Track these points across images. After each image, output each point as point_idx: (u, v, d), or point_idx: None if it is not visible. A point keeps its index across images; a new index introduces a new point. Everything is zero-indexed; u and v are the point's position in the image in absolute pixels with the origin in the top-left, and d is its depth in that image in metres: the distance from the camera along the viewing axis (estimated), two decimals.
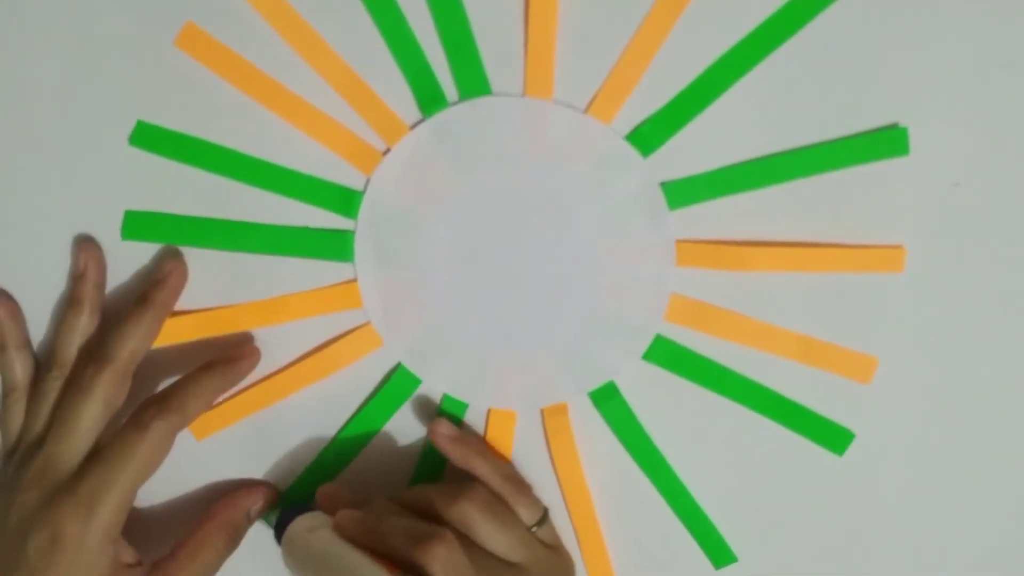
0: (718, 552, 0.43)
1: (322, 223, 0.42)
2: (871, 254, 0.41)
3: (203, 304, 0.42)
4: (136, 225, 0.42)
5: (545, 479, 0.43)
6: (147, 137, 0.41)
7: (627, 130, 0.41)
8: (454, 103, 0.41)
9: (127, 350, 0.39)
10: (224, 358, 0.41)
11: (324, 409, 0.43)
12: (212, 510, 0.41)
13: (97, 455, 0.38)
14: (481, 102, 0.41)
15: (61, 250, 0.42)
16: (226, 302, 0.42)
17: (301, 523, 0.39)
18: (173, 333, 0.42)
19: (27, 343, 0.42)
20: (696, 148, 0.41)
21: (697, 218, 0.41)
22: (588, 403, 0.43)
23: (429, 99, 0.41)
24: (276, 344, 0.42)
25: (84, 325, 0.41)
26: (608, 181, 0.41)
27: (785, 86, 0.41)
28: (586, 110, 0.41)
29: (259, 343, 0.42)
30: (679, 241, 0.42)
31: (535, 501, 0.41)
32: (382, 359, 0.43)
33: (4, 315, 0.41)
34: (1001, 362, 0.42)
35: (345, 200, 0.42)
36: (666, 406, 0.43)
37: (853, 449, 0.42)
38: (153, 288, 0.40)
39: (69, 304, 0.41)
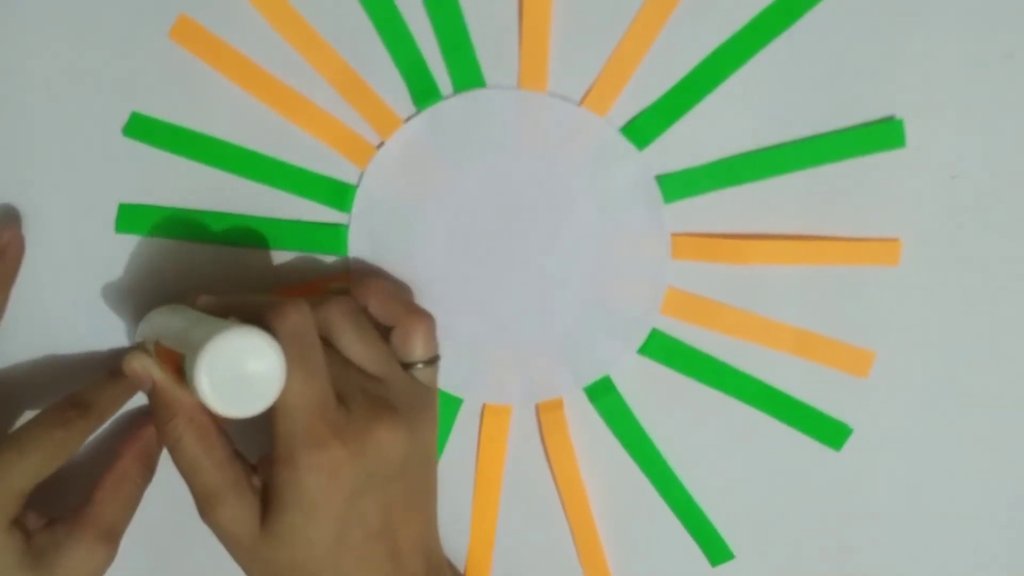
0: (715, 549, 0.43)
1: (316, 217, 0.42)
2: (867, 247, 0.41)
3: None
4: (130, 218, 0.42)
5: (541, 474, 0.43)
6: (141, 128, 0.41)
7: (622, 123, 0.41)
8: (448, 96, 0.41)
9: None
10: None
11: None
12: (121, 447, 0.40)
13: (6, 438, 0.37)
14: (475, 95, 0.41)
15: (54, 242, 0.42)
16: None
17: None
18: None
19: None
20: (692, 141, 0.41)
21: (693, 211, 0.41)
22: (584, 398, 0.42)
23: (423, 92, 0.41)
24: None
25: None
26: (603, 174, 0.41)
27: (781, 78, 0.41)
28: (581, 103, 0.41)
29: None
30: (675, 234, 0.41)
31: (434, 342, 0.39)
32: None
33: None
34: (998, 355, 0.42)
35: (339, 193, 0.42)
36: (662, 401, 0.42)
37: (851, 444, 0.42)
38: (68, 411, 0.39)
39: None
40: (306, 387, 0.34)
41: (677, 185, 0.41)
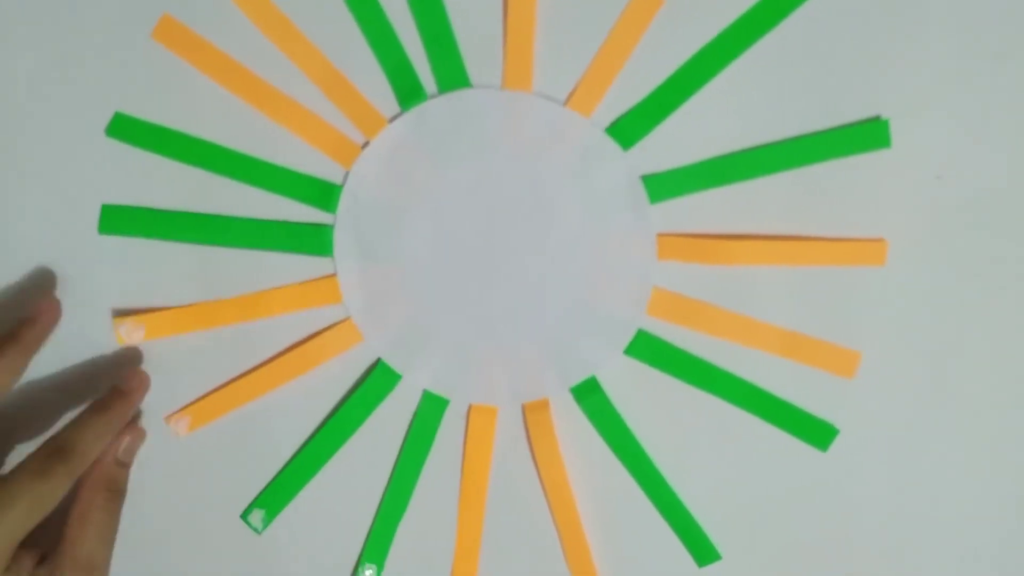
0: (701, 550, 0.43)
1: (301, 217, 0.42)
2: (853, 247, 0.41)
3: (180, 300, 0.42)
4: (113, 219, 0.41)
5: (527, 475, 0.43)
6: (124, 129, 0.41)
7: (607, 123, 0.41)
8: (433, 96, 0.41)
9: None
10: (116, 393, 0.41)
11: (303, 405, 0.43)
12: (82, 477, 0.40)
13: None
14: (460, 95, 0.41)
15: (36, 242, 0.42)
16: (203, 298, 0.42)
17: None
18: (152, 330, 0.42)
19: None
20: (677, 141, 0.41)
21: (679, 211, 0.41)
22: (570, 399, 0.42)
23: (408, 92, 0.41)
24: (255, 340, 0.42)
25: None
26: (588, 174, 0.41)
27: (767, 78, 0.41)
28: (566, 103, 0.41)
29: (238, 339, 0.42)
30: (660, 234, 0.41)
31: None
32: (362, 355, 0.42)
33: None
34: (984, 355, 0.42)
35: (324, 193, 0.41)
36: (648, 401, 0.42)
37: (837, 444, 0.42)
38: (23, 326, 0.40)
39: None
40: None
41: (663, 185, 0.41)
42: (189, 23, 0.41)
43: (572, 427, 0.42)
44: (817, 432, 0.42)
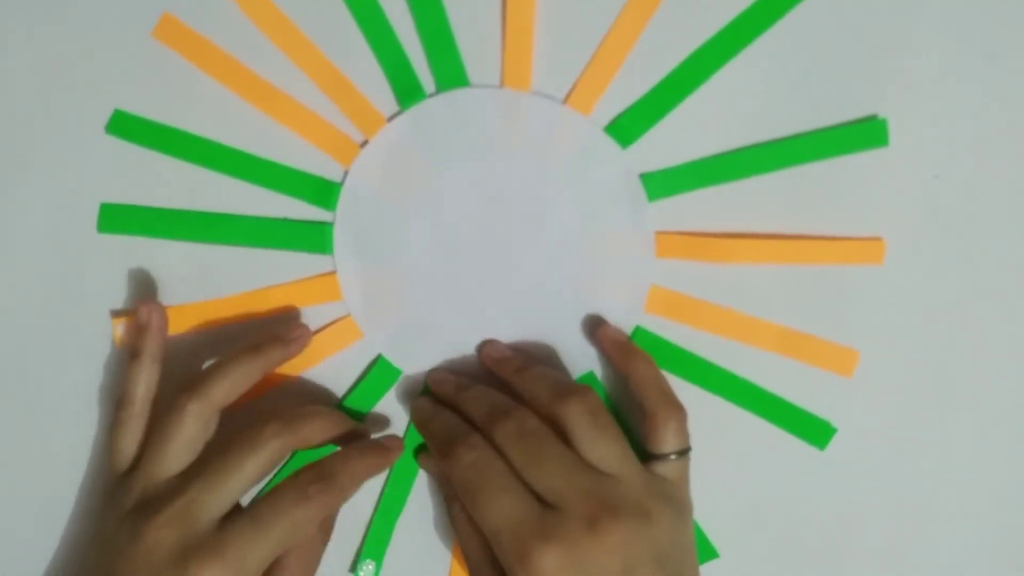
0: (699, 547, 0.43)
1: (300, 215, 0.42)
2: (851, 246, 0.41)
3: (180, 298, 0.42)
4: (112, 218, 0.42)
5: None
6: (124, 126, 0.41)
7: (606, 121, 0.41)
8: (432, 95, 0.41)
9: (307, 428, 0.38)
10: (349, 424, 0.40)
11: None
12: None
13: (244, 513, 0.36)
14: (459, 94, 0.41)
15: (35, 240, 0.42)
16: (203, 296, 0.42)
17: None
18: None
19: (161, 358, 0.39)
20: (675, 139, 0.41)
21: (677, 210, 0.41)
22: None
23: (407, 91, 0.41)
24: (256, 338, 0.42)
25: (145, 376, 0.39)
26: (587, 172, 0.41)
27: (765, 76, 0.41)
28: (564, 101, 0.41)
29: (238, 337, 0.42)
30: (659, 233, 0.41)
31: (684, 431, 0.39)
32: (362, 351, 0.42)
33: (155, 325, 0.39)
34: (981, 354, 0.42)
35: (323, 192, 0.42)
36: None
37: (835, 442, 0.42)
38: (267, 342, 0.40)
39: (129, 358, 0.39)
40: (497, 510, 0.35)
41: (661, 183, 0.41)
42: (189, 22, 0.41)
43: None
44: (815, 430, 0.42)
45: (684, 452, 0.39)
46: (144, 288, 0.42)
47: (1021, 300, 0.42)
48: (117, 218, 0.42)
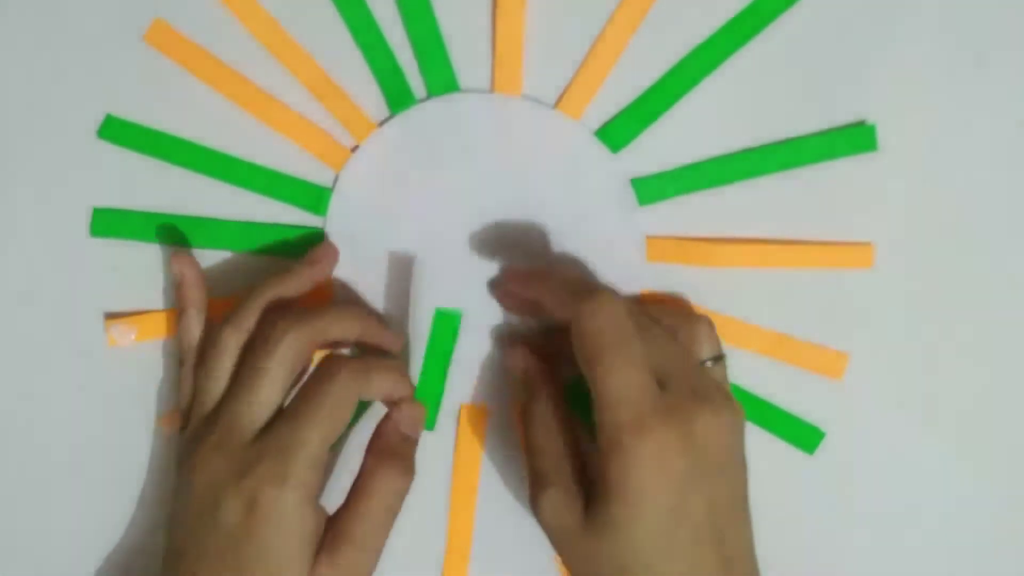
0: None
1: (291, 220, 0.42)
2: (840, 251, 0.41)
3: (172, 303, 0.42)
4: (104, 222, 0.42)
5: (517, 475, 0.43)
6: (116, 131, 0.41)
7: (596, 126, 0.41)
8: (422, 100, 0.41)
9: (322, 321, 0.37)
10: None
11: None
12: (369, 446, 0.38)
13: (282, 413, 0.36)
14: (449, 98, 0.41)
15: (28, 244, 0.42)
16: None
17: None
18: (144, 332, 0.42)
19: (205, 306, 0.40)
20: (666, 144, 0.41)
21: (667, 214, 0.41)
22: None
23: (397, 95, 0.41)
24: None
25: (195, 326, 0.40)
26: (577, 177, 0.41)
27: (754, 82, 0.41)
28: (555, 106, 0.41)
29: None
30: (649, 237, 0.42)
31: (718, 341, 0.39)
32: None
33: (190, 277, 0.40)
34: (970, 356, 0.42)
35: (314, 197, 0.42)
36: None
37: (825, 445, 0.42)
38: (295, 266, 0.39)
39: (178, 314, 0.40)
40: (627, 377, 0.34)
41: (651, 188, 0.41)
42: (181, 27, 0.41)
43: None
44: (804, 435, 0.42)
45: (720, 358, 0.38)
46: (137, 291, 0.42)
47: (1010, 303, 0.42)
48: (109, 222, 0.42)
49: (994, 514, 0.42)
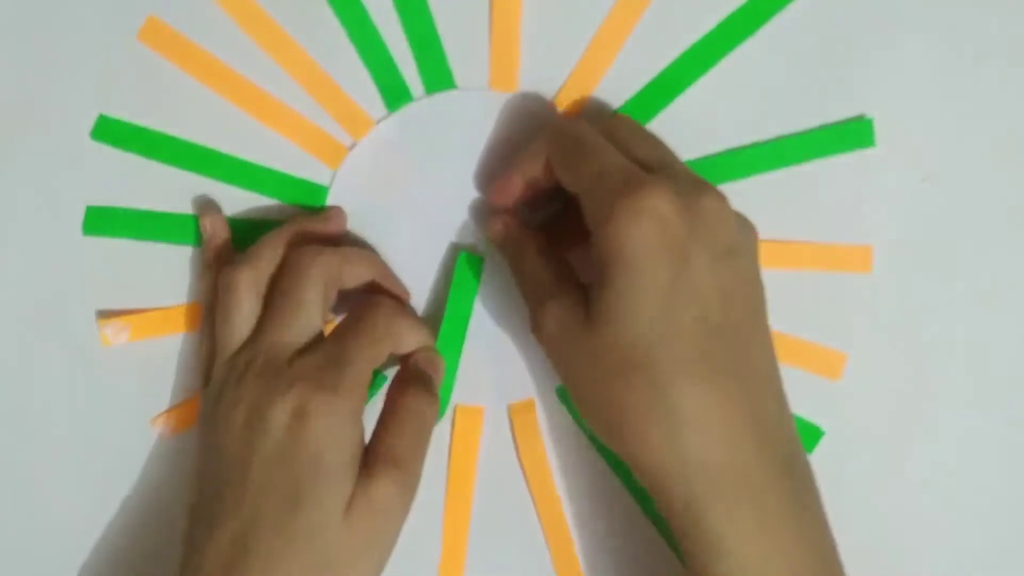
0: None
1: (288, 217, 0.42)
2: (839, 253, 0.41)
3: (168, 301, 0.42)
4: (97, 221, 0.41)
5: (512, 475, 0.43)
6: (109, 131, 0.41)
7: (593, 123, 0.41)
8: (419, 97, 0.41)
9: (342, 254, 0.38)
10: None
11: None
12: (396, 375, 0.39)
13: (324, 336, 0.36)
14: (446, 96, 0.41)
15: (21, 243, 0.42)
16: (192, 298, 0.42)
17: None
18: (137, 331, 0.42)
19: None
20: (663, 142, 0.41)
21: None
22: (556, 399, 0.42)
23: (394, 93, 0.41)
24: None
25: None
26: None
27: (752, 79, 0.41)
28: (552, 103, 0.41)
29: None
30: None
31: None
32: None
33: (218, 232, 0.40)
34: (969, 357, 0.42)
35: (311, 194, 0.42)
36: None
37: (823, 445, 0.42)
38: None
39: (203, 267, 0.40)
40: (610, 159, 0.33)
41: None
42: (175, 25, 0.41)
43: (558, 427, 0.42)
44: (803, 434, 0.42)
45: None
46: (130, 291, 0.42)
47: (1009, 303, 0.42)
48: (103, 221, 0.41)
49: (993, 515, 0.42)
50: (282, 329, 0.36)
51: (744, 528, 0.31)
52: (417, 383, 0.37)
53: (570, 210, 0.36)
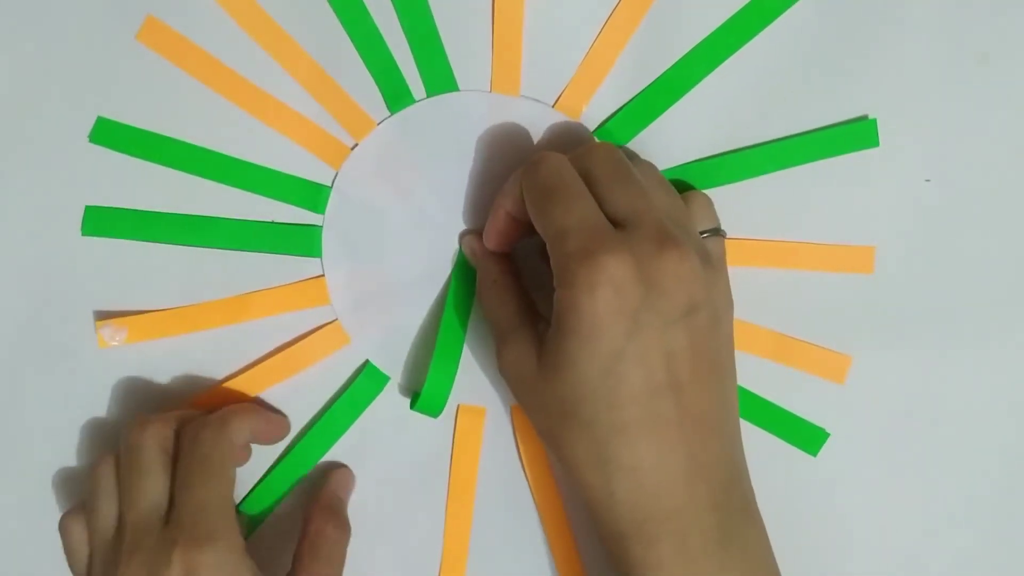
0: None
1: (289, 218, 0.42)
2: (842, 254, 0.41)
3: (166, 302, 0.42)
4: (96, 221, 0.41)
5: (514, 475, 0.42)
6: (107, 134, 0.41)
7: (595, 125, 0.41)
8: (421, 99, 0.41)
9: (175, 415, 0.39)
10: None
11: (290, 409, 0.42)
12: (309, 509, 0.40)
13: (175, 489, 0.36)
14: (448, 98, 0.41)
15: (19, 243, 0.41)
16: (188, 300, 0.42)
17: None
18: (135, 333, 0.41)
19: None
20: (665, 143, 0.41)
21: None
22: None
23: (395, 95, 0.41)
24: (242, 342, 0.42)
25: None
26: None
27: (755, 80, 0.41)
28: (553, 105, 0.41)
29: (224, 342, 0.42)
30: None
31: (715, 215, 0.38)
32: (349, 357, 0.42)
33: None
34: (973, 360, 0.41)
35: (313, 195, 0.41)
36: None
37: (827, 449, 0.42)
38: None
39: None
40: (574, 211, 0.33)
41: None
42: (174, 25, 0.40)
43: None
44: (807, 437, 0.42)
45: (717, 231, 0.38)
46: (128, 292, 0.42)
47: (1013, 304, 0.41)
48: (101, 221, 0.41)
49: (996, 516, 0.42)
50: (133, 513, 0.36)
51: (665, 562, 0.34)
52: (329, 511, 0.40)
53: None
